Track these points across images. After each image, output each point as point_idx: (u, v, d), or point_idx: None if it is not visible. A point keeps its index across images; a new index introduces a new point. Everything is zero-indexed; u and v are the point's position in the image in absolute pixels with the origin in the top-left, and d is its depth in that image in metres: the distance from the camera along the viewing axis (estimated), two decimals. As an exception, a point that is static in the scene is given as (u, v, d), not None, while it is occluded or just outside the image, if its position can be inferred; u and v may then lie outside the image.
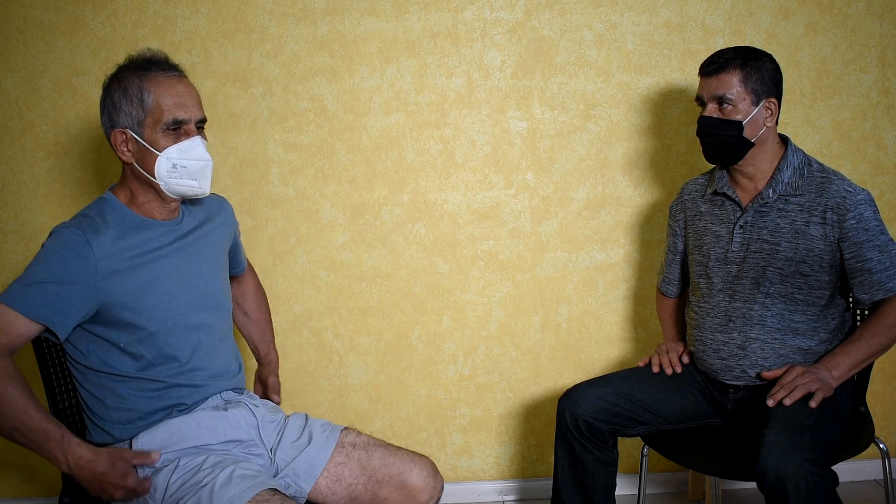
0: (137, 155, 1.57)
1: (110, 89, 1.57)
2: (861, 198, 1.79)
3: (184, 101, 1.56)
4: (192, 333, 1.61)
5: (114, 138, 1.57)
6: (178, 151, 1.56)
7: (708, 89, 1.86)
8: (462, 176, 2.40)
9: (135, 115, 1.54)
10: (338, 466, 1.64)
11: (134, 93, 1.54)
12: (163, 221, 1.63)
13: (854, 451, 1.79)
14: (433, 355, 2.46)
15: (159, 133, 1.55)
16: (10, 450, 2.45)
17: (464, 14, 2.35)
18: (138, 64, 1.57)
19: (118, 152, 1.58)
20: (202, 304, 1.64)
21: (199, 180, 1.59)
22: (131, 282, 1.53)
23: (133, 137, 1.55)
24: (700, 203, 2.01)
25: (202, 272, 1.66)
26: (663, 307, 2.19)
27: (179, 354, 1.58)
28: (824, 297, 1.84)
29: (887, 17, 2.38)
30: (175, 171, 1.56)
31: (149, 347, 1.55)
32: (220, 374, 1.66)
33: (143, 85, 1.54)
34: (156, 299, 1.55)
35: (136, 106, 1.54)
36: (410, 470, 1.64)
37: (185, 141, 1.56)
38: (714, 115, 1.85)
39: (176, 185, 1.58)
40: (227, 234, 1.80)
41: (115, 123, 1.56)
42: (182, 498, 1.44)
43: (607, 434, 1.91)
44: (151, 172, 1.56)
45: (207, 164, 1.59)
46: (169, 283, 1.58)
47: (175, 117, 1.55)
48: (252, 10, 2.32)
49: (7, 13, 2.30)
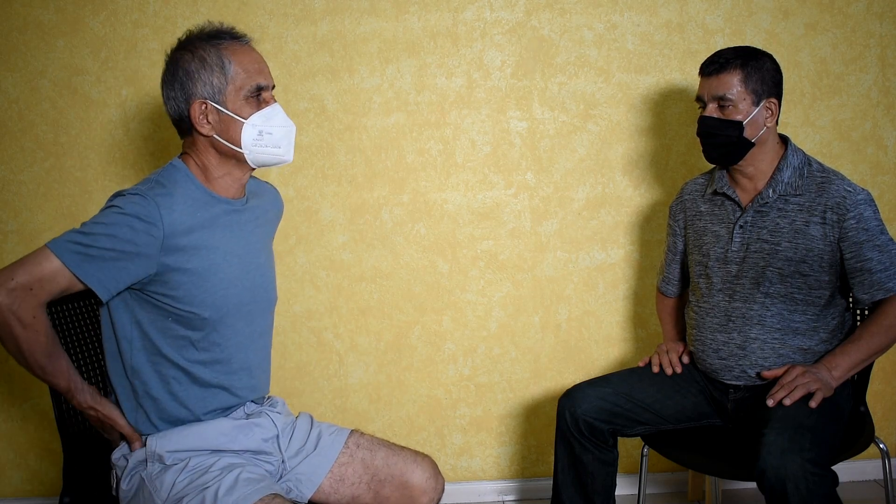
0: (219, 126, 1.52)
1: (181, 61, 1.51)
2: (861, 197, 1.79)
3: (261, 67, 1.55)
4: (240, 324, 1.58)
5: (193, 111, 1.51)
6: (263, 118, 1.53)
7: (708, 89, 1.86)
8: (462, 176, 2.40)
9: (216, 84, 1.50)
10: (341, 467, 1.64)
11: (214, 61, 1.50)
12: (231, 200, 1.58)
13: (854, 451, 1.79)
14: (433, 355, 2.46)
15: (241, 101, 1.51)
16: (10, 450, 2.45)
17: (464, 14, 2.35)
18: (210, 34, 1.53)
19: (197, 125, 1.52)
20: (255, 298, 1.61)
21: (284, 147, 1.57)
22: (194, 263, 1.49)
23: (214, 108, 1.51)
24: (700, 203, 2.01)
25: (259, 263, 1.63)
26: (663, 307, 2.19)
27: (224, 343, 1.55)
28: (824, 296, 1.84)
29: (887, 17, 2.38)
30: (261, 139, 1.53)
31: (195, 331, 1.52)
32: (253, 373, 1.63)
33: (221, 53, 1.50)
34: (216, 284, 1.52)
35: (218, 74, 1.50)
36: (412, 470, 1.64)
37: (267, 108, 1.54)
38: (714, 115, 1.85)
39: (261, 153, 1.55)
40: (275, 225, 1.79)
41: (192, 94, 1.51)
42: (186, 496, 1.44)
43: (607, 434, 1.91)
44: (236, 142, 1.52)
45: (292, 130, 1.58)
46: (231, 269, 1.55)
47: (258, 83, 1.52)
48: (252, 10, 2.32)
49: (7, 13, 2.30)
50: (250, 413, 1.62)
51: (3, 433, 2.45)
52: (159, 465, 1.51)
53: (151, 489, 1.49)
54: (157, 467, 1.51)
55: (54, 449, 2.43)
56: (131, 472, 1.54)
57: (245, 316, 1.59)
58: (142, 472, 1.52)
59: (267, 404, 1.68)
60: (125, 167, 2.36)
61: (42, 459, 2.47)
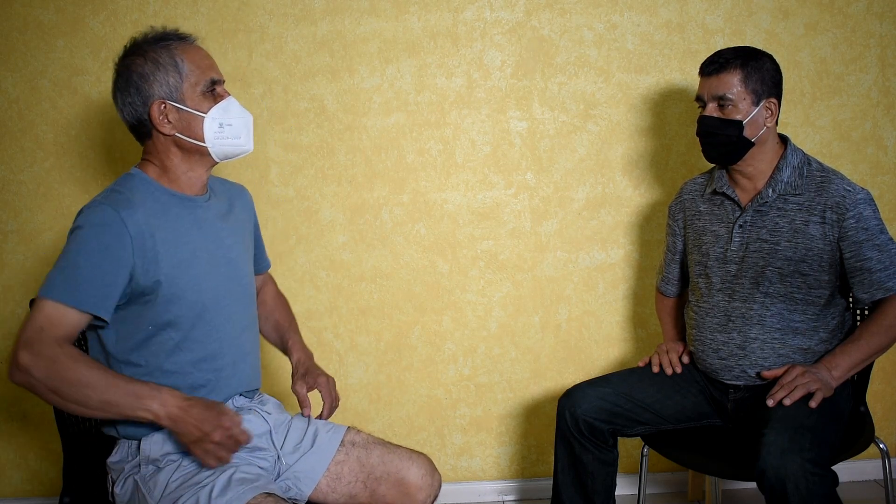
0: (180, 124, 1.55)
1: (134, 66, 1.54)
2: (860, 197, 1.79)
3: (212, 62, 1.60)
4: (219, 319, 1.59)
5: (153, 112, 1.54)
6: (221, 111, 1.57)
7: (708, 89, 1.86)
8: (462, 176, 2.40)
9: (172, 83, 1.53)
10: (338, 465, 1.64)
11: (166, 61, 1.53)
12: (193, 196, 1.61)
13: (854, 451, 1.79)
14: (433, 355, 2.46)
15: (198, 97, 1.55)
16: (10, 450, 2.45)
17: (464, 14, 2.35)
18: (157, 37, 1.56)
19: (158, 126, 1.54)
20: (230, 292, 1.63)
21: (244, 137, 1.62)
22: (165, 262, 1.50)
23: (173, 107, 1.54)
24: (699, 203, 2.01)
25: (231, 258, 1.65)
26: (663, 307, 2.19)
27: (205, 340, 1.56)
28: (824, 296, 1.84)
29: (887, 17, 2.38)
30: (222, 131, 1.57)
31: (176, 331, 1.53)
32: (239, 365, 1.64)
33: (172, 53, 1.54)
34: (188, 281, 1.53)
35: (173, 73, 1.53)
36: (408, 468, 1.64)
37: (223, 101, 1.58)
38: (714, 114, 1.85)
39: (223, 145, 1.58)
40: (248, 221, 1.79)
41: (150, 96, 1.53)
42: (181, 497, 1.44)
43: (607, 434, 1.91)
44: (199, 137, 1.56)
45: (249, 119, 1.62)
46: (200, 265, 1.56)
47: (212, 77, 1.57)
48: (252, 10, 2.32)
49: (7, 13, 2.30)
50: (240, 407, 1.63)
51: (3, 433, 2.45)
52: (152, 467, 1.51)
53: (145, 491, 1.49)
54: (151, 469, 1.51)
55: (54, 449, 2.43)
56: (125, 476, 1.54)
57: (223, 311, 1.61)
58: (135, 475, 1.52)
59: (256, 401, 1.68)
60: (125, 167, 2.36)
61: (42, 459, 2.47)
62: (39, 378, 1.37)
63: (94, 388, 1.37)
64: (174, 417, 1.40)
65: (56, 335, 1.39)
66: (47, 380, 1.36)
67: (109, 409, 1.39)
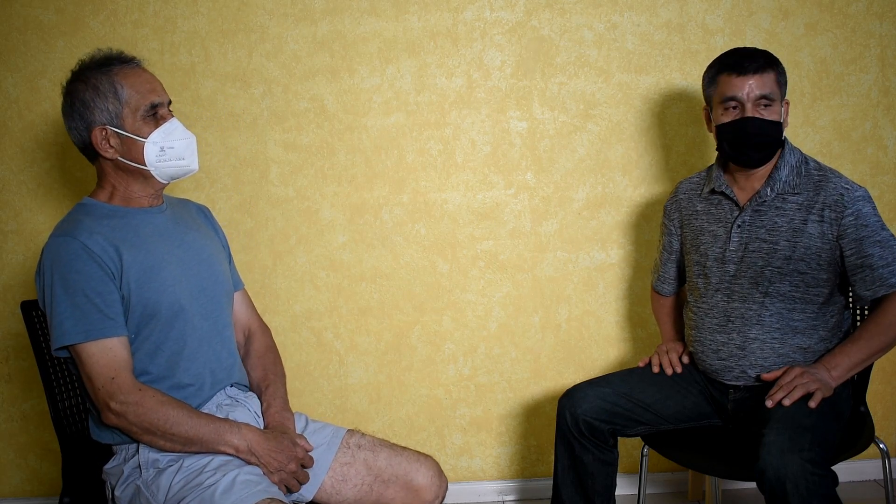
0: (121, 148, 1.57)
1: (76, 92, 1.57)
2: (858, 194, 1.79)
3: (154, 85, 1.60)
4: (197, 318, 1.61)
5: (94, 137, 1.57)
6: (163, 135, 1.58)
7: (750, 88, 1.80)
8: (462, 176, 2.40)
9: (111, 110, 1.56)
10: (343, 467, 1.64)
11: (106, 88, 1.55)
12: (147, 208, 1.64)
13: (854, 451, 1.79)
14: (433, 355, 2.46)
15: (139, 121, 1.57)
16: (10, 450, 2.45)
17: (464, 14, 2.35)
18: (99, 62, 1.58)
19: (100, 150, 1.58)
20: (204, 290, 1.64)
21: (188, 158, 1.63)
22: (134, 271, 1.53)
23: (114, 132, 1.56)
24: (696, 202, 2.00)
25: (202, 259, 1.66)
26: (660, 307, 2.19)
27: (186, 339, 1.58)
28: (823, 294, 1.84)
29: (887, 17, 2.38)
30: (164, 154, 1.59)
31: (156, 334, 1.55)
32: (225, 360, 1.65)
33: (112, 79, 1.56)
34: (160, 284, 1.55)
35: (112, 100, 1.55)
36: (416, 470, 1.65)
37: (165, 124, 1.59)
38: (757, 115, 1.81)
39: (166, 167, 1.60)
40: (215, 231, 1.81)
41: (91, 122, 1.56)
42: (184, 498, 1.44)
43: (607, 434, 1.91)
44: (140, 161, 1.58)
45: (192, 141, 1.63)
46: (170, 269, 1.58)
47: (152, 101, 1.58)
48: (252, 10, 2.32)
49: (7, 13, 2.30)
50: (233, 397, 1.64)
51: (3, 433, 2.45)
52: (154, 470, 1.52)
53: (148, 495, 1.50)
54: (152, 472, 1.51)
55: (54, 449, 2.43)
56: (127, 481, 1.54)
57: (202, 309, 1.62)
58: (137, 480, 1.52)
59: (250, 398, 1.68)
60: (125, 167, 2.36)
61: (42, 459, 2.47)
62: (133, 422, 1.48)
63: (181, 425, 1.49)
64: (254, 451, 1.52)
65: (126, 378, 1.48)
66: (139, 423, 1.48)
67: (193, 445, 1.50)
